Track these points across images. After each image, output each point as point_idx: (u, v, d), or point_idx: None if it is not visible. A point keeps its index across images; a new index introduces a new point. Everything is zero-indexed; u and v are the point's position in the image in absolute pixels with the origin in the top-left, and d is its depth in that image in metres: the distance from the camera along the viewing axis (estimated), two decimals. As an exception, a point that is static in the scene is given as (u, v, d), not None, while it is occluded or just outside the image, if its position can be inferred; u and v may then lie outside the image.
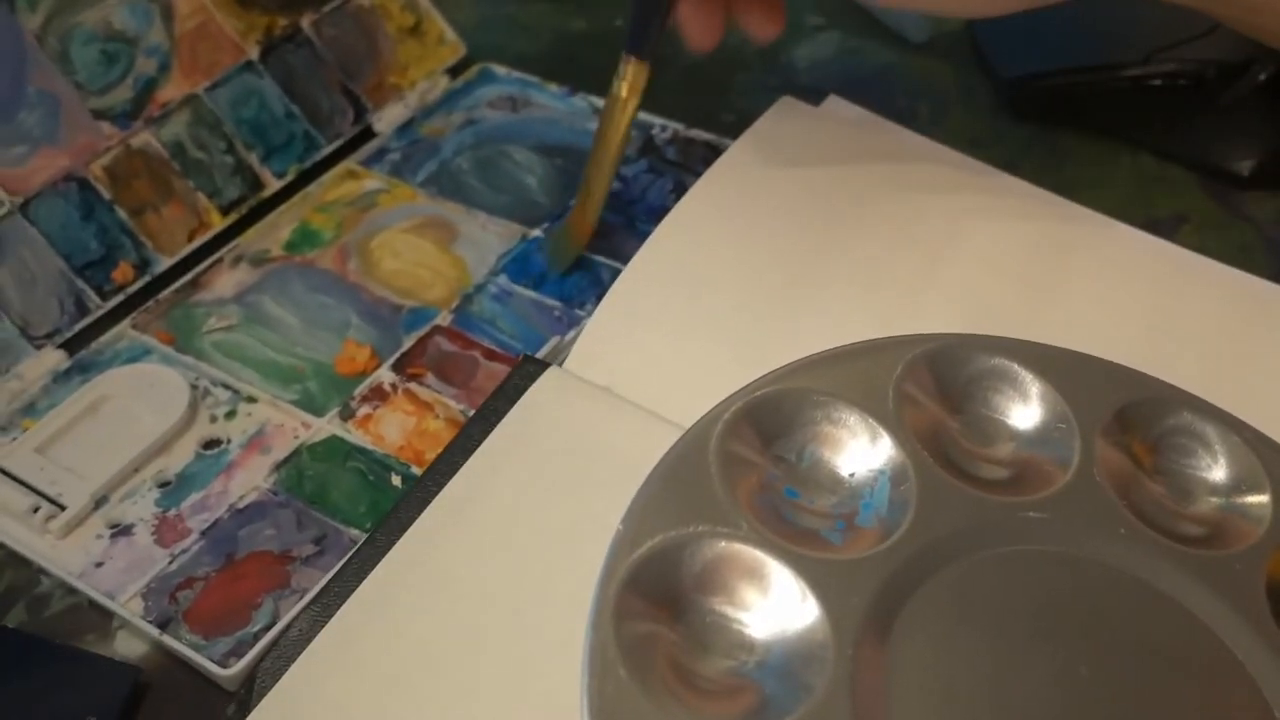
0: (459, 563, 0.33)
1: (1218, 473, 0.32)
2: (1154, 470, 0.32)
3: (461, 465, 0.35)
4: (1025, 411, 0.33)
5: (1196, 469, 0.32)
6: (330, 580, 0.34)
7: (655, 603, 0.28)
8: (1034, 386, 0.33)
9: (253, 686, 0.31)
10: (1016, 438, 0.33)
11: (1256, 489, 0.31)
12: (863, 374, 0.32)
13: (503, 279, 0.44)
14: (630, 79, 0.41)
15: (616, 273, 0.43)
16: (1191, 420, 0.33)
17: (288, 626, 0.33)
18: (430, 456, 0.38)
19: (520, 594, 0.32)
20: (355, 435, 0.39)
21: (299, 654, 0.31)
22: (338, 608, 0.32)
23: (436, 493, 0.35)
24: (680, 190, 0.46)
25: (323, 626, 0.32)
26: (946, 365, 0.33)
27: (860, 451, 0.32)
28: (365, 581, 0.33)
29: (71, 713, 0.32)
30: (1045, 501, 0.31)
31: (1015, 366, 0.33)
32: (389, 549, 0.33)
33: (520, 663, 0.31)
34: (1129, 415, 0.32)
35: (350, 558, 0.34)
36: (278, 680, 0.31)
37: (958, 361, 0.33)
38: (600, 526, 0.29)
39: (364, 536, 0.36)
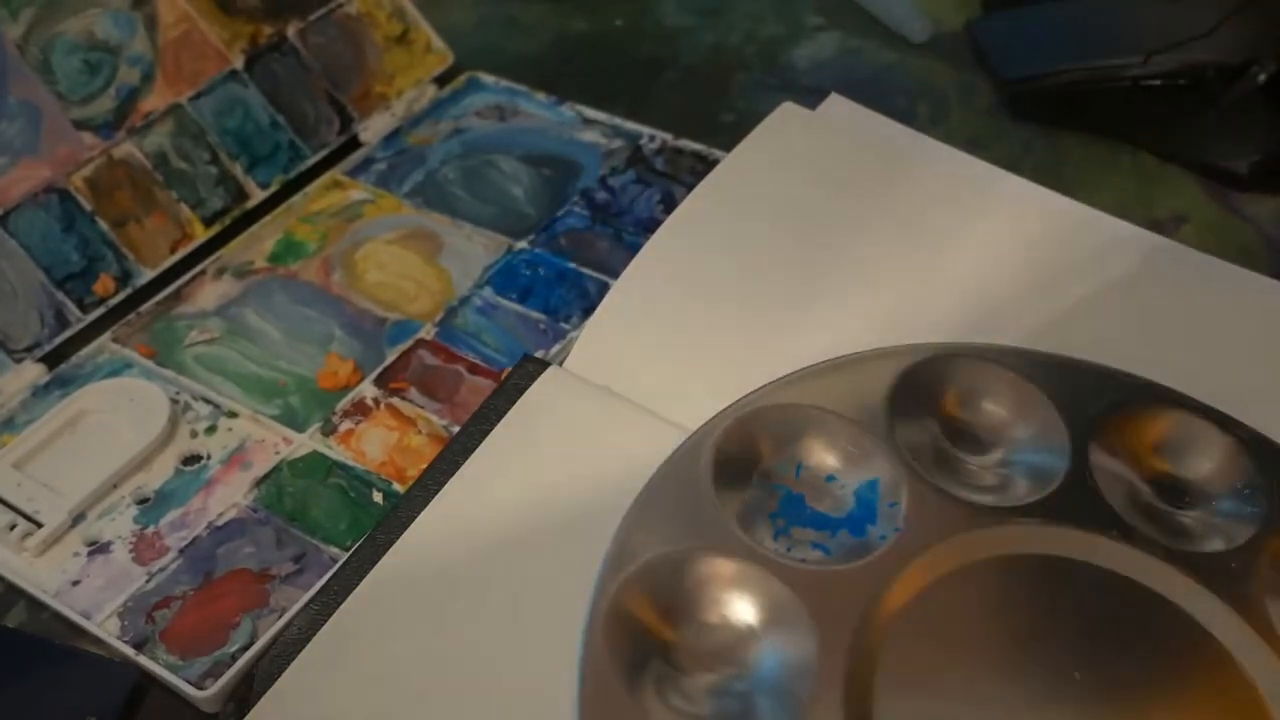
0: (458, 562, 0.33)
1: (1214, 473, 0.32)
2: (1150, 471, 0.32)
3: (461, 464, 0.35)
4: (1018, 418, 0.33)
5: (1193, 469, 0.32)
6: (329, 579, 0.33)
7: (649, 616, 0.28)
8: (1026, 393, 0.33)
9: (251, 684, 0.31)
10: (1009, 444, 0.33)
11: (1253, 489, 0.31)
12: (854, 386, 0.33)
13: (488, 291, 0.43)
14: None
15: (602, 285, 0.42)
16: (1189, 420, 0.32)
17: (267, 646, 0.33)
18: (412, 473, 0.37)
19: (519, 593, 0.32)
20: (337, 451, 0.38)
21: (298, 653, 0.31)
22: (336, 607, 0.32)
23: (436, 492, 0.34)
24: (668, 201, 0.46)
25: (321, 625, 0.32)
26: (938, 375, 0.33)
27: (852, 463, 0.31)
28: (364, 581, 0.32)
29: (71, 713, 0.32)
30: (1039, 506, 0.30)
31: (1007, 374, 0.33)
32: (388, 548, 0.33)
33: (518, 662, 0.31)
34: (1124, 417, 0.32)
35: (350, 557, 0.33)
36: (276, 679, 0.31)
37: (949, 371, 0.33)
38: (599, 526, 0.29)
39: (344, 555, 0.35)
